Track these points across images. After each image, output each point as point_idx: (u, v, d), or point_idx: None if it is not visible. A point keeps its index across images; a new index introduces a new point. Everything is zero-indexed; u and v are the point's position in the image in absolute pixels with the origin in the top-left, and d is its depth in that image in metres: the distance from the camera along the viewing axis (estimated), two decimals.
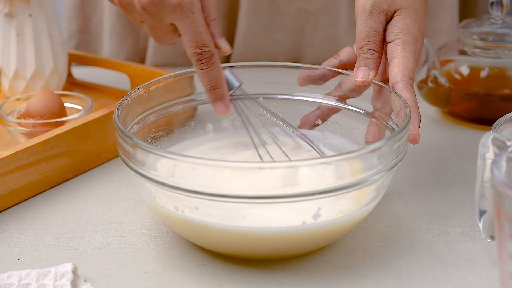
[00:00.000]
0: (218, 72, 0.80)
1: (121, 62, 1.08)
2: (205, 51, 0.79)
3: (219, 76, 0.80)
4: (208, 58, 0.79)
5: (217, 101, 0.81)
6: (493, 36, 1.01)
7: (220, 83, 0.81)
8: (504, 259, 0.63)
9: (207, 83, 0.80)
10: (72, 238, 0.80)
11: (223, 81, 0.81)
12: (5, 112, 0.96)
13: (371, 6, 0.83)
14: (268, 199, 0.70)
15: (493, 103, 1.00)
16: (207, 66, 0.79)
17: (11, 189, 0.84)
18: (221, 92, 0.81)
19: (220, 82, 0.81)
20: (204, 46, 0.79)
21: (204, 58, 0.79)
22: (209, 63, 0.79)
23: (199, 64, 0.79)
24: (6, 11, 1.02)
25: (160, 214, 0.76)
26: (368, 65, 0.82)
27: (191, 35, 0.78)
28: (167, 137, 0.86)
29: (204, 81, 0.80)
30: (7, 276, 0.71)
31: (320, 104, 0.88)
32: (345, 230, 0.76)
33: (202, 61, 0.79)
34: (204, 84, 0.80)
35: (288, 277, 0.74)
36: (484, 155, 0.71)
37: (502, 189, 0.60)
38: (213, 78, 0.80)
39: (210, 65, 0.79)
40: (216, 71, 0.80)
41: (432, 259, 0.76)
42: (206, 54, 0.79)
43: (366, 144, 0.84)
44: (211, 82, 0.80)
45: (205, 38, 0.79)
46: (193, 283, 0.73)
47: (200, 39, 0.78)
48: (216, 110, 0.81)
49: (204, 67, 0.79)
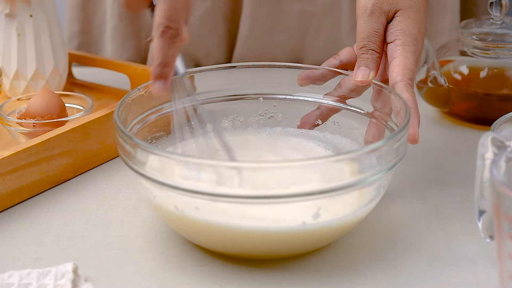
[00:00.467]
0: (175, 53, 0.78)
1: (122, 63, 1.08)
2: (174, 26, 0.76)
3: (173, 56, 0.77)
4: (173, 35, 0.76)
5: (160, 79, 0.77)
6: (492, 37, 1.01)
7: (171, 63, 0.77)
8: (504, 259, 0.63)
9: (160, 58, 0.77)
10: (73, 238, 0.80)
11: (174, 63, 0.78)
12: (6, 112, 0.96)
13: (372, 6, 0.83)
14: (268, 199, 0.70)
15: (493, 103, 1.00)
16: (169, 41, 0.76)
17: (11, 189, 0.84)
18: (168, 73, 0.77)
19: (172, 62, 0.77)
20: (175, 23, 0.76)
21: (170, 33, 0.76)
22: (172, 40, 0.77)
23: (162, 37, 0.76)
24: (7, 11, 1.03)
25: (160, 214, 0.76)
26: (368, 65, 0.82)
27: (167, 6, 0.76)
28: (167, 137, 0.86)
29: (157, 55, 0.77)
30: (7, 276, 0.71)
31: (320, 104, 0.88)
32: (345, 230, 0.76)
33: (166, 35, 0.76)
34: (156, 57, 0.77)
35: (288, 277, 0.74)
36: (483, 155, 0.71)
37: (501, 189, 0.60)
38: (168, 55, 0.77)
39: (172, 43, 0.77)
40: (173, 50, 0.77)
41: (432, 259, 0.76)
42: (173, 31, 0.76)
43: (366, 144, 0.84)
44: (164, 59, 0.77)
45: (179, 15, 0.77)
46: (193, 283, 0.73)
47: (174, 14, 0.76)
48: (154, 87, 0.77)
49: (165, 42, 0.76)
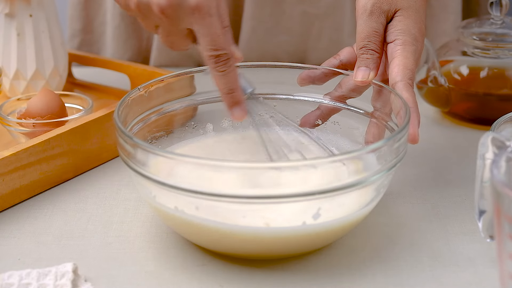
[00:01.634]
0: (235, 76, 0.79)
1: (122, 62, 1.08)
2: (222, 53, 0.77)
3: (235, 80, 0.79)
4: (225, 61, 0.78)
5: (234, 106, 0.79)
6: (492, 36, 1.01)
7: (236, 87, 0.79)
8: (504, 259, 0.63)
9: (224, 87, 0.79)
10: (73, 238, 0.80)
11: (239, 85, 0.79)
12: (6, 112, 0.96)
13: (372, 6, 0.83)
14: (268, 199, 0.70)
15: (493, 103, 1.00)
16: (224, 69, 0.78)
17: (11, 189, 0.84)
18: (238, 96, 0.79)
19: (236, 85, 0.79)
20: (222, 49, 0.77)
21: (222, 60, 0.77)
22: (226, 65, 0.78)
23: (217, 66, 0.78)
24: (7, 11, 1.03)
25: (160, 214, 0.76)
26: (368, 65, 0.82)
27: (209, 37, 0.77)
28: (167, 137, 0.86)
29: (220, 84, 0.79)
30: (7, 276, 0.71)
31: (320, 104, 0.88)
32: (345, 230, 0.76)
33: (220, 64, 0.78)
34: (221, 87, 0.79)
35: (288, 277, 0.74)
36: (483, 155, 0.71)
37: (502, 189, 0.60)
38: (230, 81, 0.78)
39: (227, 68, 0.78)
40: (232, 74, 0.78)
41: (432, 259, 0.76)
42: (224, 57, 0.77)
43: (366, 144, 0.84)
44: (228, 86, 0.78)
45: (222, 40, 0.77)
46: (193, 283, 0.73)
47: (218, 41, 0.77)
48: (234, 115, 0.79)
49: (222, 70, 0.78)
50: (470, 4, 1.22)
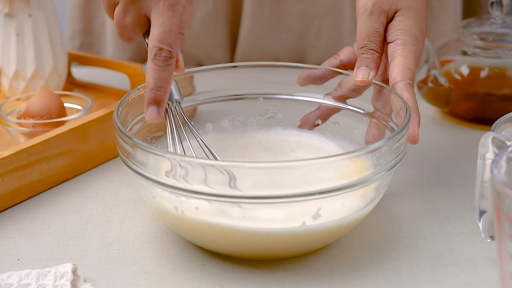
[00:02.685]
0: (169, 76, 0.77)
1: (121, 62, 1.08)
2: (167, 49, 0.76)
3: (167, 80, 0.76)
4: (167, 57, 0.76)
5: (153, 104, 0.76)
6: (493, 36, 1.01)
7: (165, 87, 0.76)
8: (504, 259, 0.63)
9: (153, 81, 0.76)
10: (72, 238, 0.80)
11: (169, 87, 0.77)
12: (5, 112, 0.96)
13: (372, 6, 0.83)
14: (268, 199, 0.70)
15: (493, 103, 1.00)
16: (162, 64, 0.76)
17: (11, 189, 0.84)
18: (161, 96, 0.76)
19: (166, 85, 0.76)
20: (169, 45, 0.76)
21: (163, 56, 0.76)
22: (166, 63, 0.76)
23: (156, 59, 0.76)
24: (6, 11, 1.02)
25: (160, 214, 0.76)
26: (368, 65, 0.82)
27: (162, 29, 0.76)
28: (166, 137, 0.86)
29: (150, 78, 0.76)
30: (7, 276, 0.71)
31: (320, 104, 0.88)
32: (345, 230, 0.76)
33: (160, 58, 0.76)
34: (149, 81, 0.76)
35: (288, 277, 0.74)
36: (484, 155, 0.71)
37: (502, 189, 0.60)
38: (161, 79, 0.76)
39: (166, 65, 0.76)
40: (167, 73, 0.76)
41: (432, 259, 0.76)
42: (166, 53, 0.76)
43: (366, 144, 0.84)
44: (157, 82, 0.76)
45: (172, 38, 0.76)
46: (193, 283, 0.73)
47: (168, 37, 0.76)
48: (148, 113, 0.76)
49: (159, 64, 0.76)
50: (471, 4, 1.22)
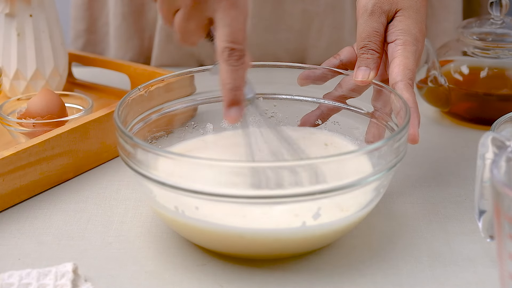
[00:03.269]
0: (243, 75, 0.75)
1: (121, 62, 1.08)
2: (239, 48, 0.74)
3: (242, 79, 0.75)
4: (239, 56, 0.74)
5: (233, 105, 0.75)
6: (492, 36, 1.01)
7: (241, 86, 0.75)
8: (504, 259, 0.63)
9: (230, 82, 0.74)
10: (73, 238, 0.80)
11: (244, 85, 0.76)
12: (6, 112, 0.96)
13: (373, 6, 0.83)
14: (268, 199, 0.70)
15: (493, 103, 1.00)
16: (236, 64, 0.74)
17: (11, 189, 0.84)
18: (240, 96, 0.75)
19: (242, 85, 0.75)
20: (239, 44, 0.74)
21: (236, 55, 0.74)
22: (239, 61, 0.74)
23: (229, 60, 0.74)
24: (7, 11, 1.03)
25: (160, 214, 0.76)
26: (368, 65, 0.82)
27: (230, 29, 0.73)
28: (167, 137, 0.86)
29: (227, 79, 0.74)
30: (7, 276, 0.71)
31: (320, 104, 0.88)
32: (345, 230, 0.76)
33: (233, 58, 0.74)
34: (226, 82, 0.74)
35: (288, 277, 0.74)
36: (483, 155, 0.71)
37: (502, 189, 0.60)
38: (237, 78, 0.74)
39: (240, 64, 0.74)
40: (242, 72, 0.75)
41: (432, 259, 0.76)
42: (239, 52, 0.74)
43: (366, 144, 0.84)
44: (234, 82, 0.74)
45: (242, 36, 0.74)
46: (193, 282, 0.73)
47: (238, 35, 0.74)
48: (229, 115, 0.75)
49: (233, 64, 0.74)
50: (472, 4, 1.22)
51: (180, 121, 0.88)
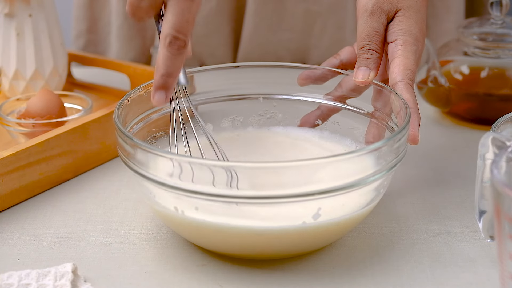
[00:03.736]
0: (180, 64, 0.76)
1: (121, 62, 1.08)
2: (181, 38, 0.75)
3: (178, 68, 0.76)
4: (180, 45, 0.75)
5: (161, 89, 0.76)
6: (493, 36, 1.01)
7: (175, 74, 0.76)
8: (504, 259, 0.63)
9: (164, 68, 0.76)
10: (72, 238, 0.80)
11: (178, 74, 0.77)
12: (5, 112, 0.96)
13: (373, 6, 0.83)
14: (268, 199, 0.70)
15: (493, 103, 1.00)
16: (175, 52, 0.75)
17: (11, 189, 0.84)
18: (170, 83, 0.76)
19: (176, 73, 0.76)
20: (183, 35, 0.75)
21: (177, 44, 0.75)
22: (179, 51, 0.75)
23: (170, 47, 0.75)
24: (6, 11, 1.02)
25: (160, 214, 0.76)
26: (368, 65, 0.82)
27: (178, 18, 0.75)
28: (167, 137, 0.86)
29: (162, 64, 0.76)
30: (7, 276, 0.71)
31: (320, 104, 0.88)
32: (345, 230, 0.76)
33: (174, 46, 0.75)
34: (161, 67, 0.76)
35: (288, 277, 0.74)
36: (484, 155, 0.71)
37: (502, 189, 0.60)
38: (173, 66, 0.76)
39: (178, 53, 0.75)
40: (179, 61, 0.76)
41: (432, 259, 0.76)
42: (181, 42, 0.75)
43: (366, 144, 0.84)
44: (168, 69, 0.76)
45: (188, 28, 0.76)
46: (193, 283, 0.73)
47: (183, 26, 0.75)
48: (154, 98, 0.76)
49: (172, 52, 0.75)
50: (474, 4, 1.22)
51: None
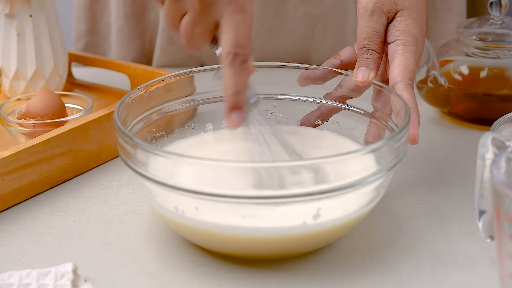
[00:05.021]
0: (246, 79, 0.74)
1: (121, 63, 1.08)
2: (243, 53, 0.73)
3: (245, 83, 0.74)
4: (243, 61, 0.74)
5: (235, 110, 0.74)
6: (492, 37, 1.01)
7: (244, 91, 0.74)
8: (504, 259, 0.63)
9: (232, 86, 0.74)
10: (73, 238, 0.80)
11: (246, 91, 0.75)
12: (6, 112, 0.96)
13: (373, 6, 0.83)
14: (268, 199, 0.70)
15: (493, 103, 1.00)
16: (240, 68, 0.73)
17: (11, 189, 0.84)
18: (242, 101, 0.74)
19: (244, 89, 0.74)
20: (244, 48, 0.73)
21: (240, 59, 0.73)
22: (243, 66, 0.74)
23: (233, 64, 0.73)
24: (7, 11, 1.03)
25: (160, 214, 0.76)
26: (368, 66, 0.82)
27: (236, 33, 0.73)
28: (167, 137, 0.86)
29: (230, 83, 0.74)
30: (7, 276, 0.71)
31: (320, 104, 0.88)
32: (345, 230, 0.76)
33: (237, 62, 0.73)
34: (229, 86, 0.74)
35: (288, 277, 0.74)
36: (483, 155, 0.71)
37: (502, 189, 0.60)
38: (240, 83, 0.74)
39: (243, 68, 0.74)
40: (245, 76, 0.74)
41: (432, 259, 0.76)
42: (243, 57, 0.73)
43: (366, 144, 0.84)
44: (237, 87, 0.74)
45: (247, 40, 0.74)
46: (193, 283, 0.73)
47: (243, 39, 0.73)
48: (231, 120, 0.74)
49: (236, 69, 0.73)
50: (475, 4, 1.22)
51: (180, 121, 0.88)
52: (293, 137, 0.87)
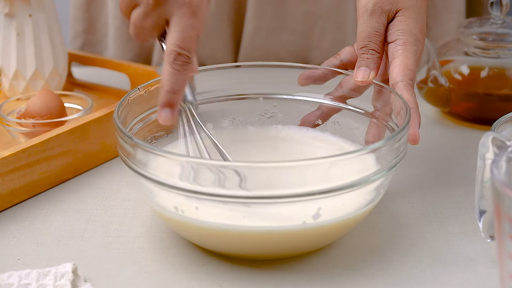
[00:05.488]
0: (185, 80, 0.77)
1: (121, 62, 1.08)
2: (186, 54, 0.76)
3: (183, 84, 0.77)
4: (185, 61, 0.76)
5: (167, 107, 0.77)
6: (493, 36, 1.01)
7: (180, 90, 0.77)
8: (504, 259, 0.63)
9: (169, 84, 0.76)
10: (72, 238, 0.80)
11: (183, 90, 0.77)
12: (5, 112, 0.96)
13: (373, 6, 0.83)
14: (268, 199, 0.70)
15: (493, 103, 1.00)
16: (179, 69, 0.76)
17: (11, 189, 0.84)
18: (176, 100, 0.77)
19: (181, 89, 0.77)
20: (187, 51, 0.76)
21: (181, 60, 0.76)
22: (183, 67, 0.76)
23: (174, 63, 0.76)
24: (6, 11, 1.02)
25: (160, 214, 0.76)
26: (368, 65, 0.82)
27: (182, 35, 0.76)
28: (167, 137, 0.86)
29: (167, 81, 0.76)
30: (7, 276, 0.71)
31: (320, 104, 0.88)
32: (345, 230, 0.76)
33: (178, 62, 0.76)
34: (165, 83, 0.76)
35: (288, 277, 0.74)
36: (484, 155, 0.71)
37: (502, 189, 0.60)
38: (178, 83, 0.76)
39: (183, 70, 0.76)
40: (184, 77, 0.77)
41: (432, 259, 0.76)
42: (185, 58, 0.76)
43: (367, 144, 0.84)
44: (173, 86, 0.76)
45: (192, 44, 0.76)
46: (193, 283, 0.73)
47: (188, 42, 0.76)
48: (161, 116, 0.77)
49: (177, 68, 0.76)
50: (473, 4, 1.22)
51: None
52: (293, 137, 0.87)
